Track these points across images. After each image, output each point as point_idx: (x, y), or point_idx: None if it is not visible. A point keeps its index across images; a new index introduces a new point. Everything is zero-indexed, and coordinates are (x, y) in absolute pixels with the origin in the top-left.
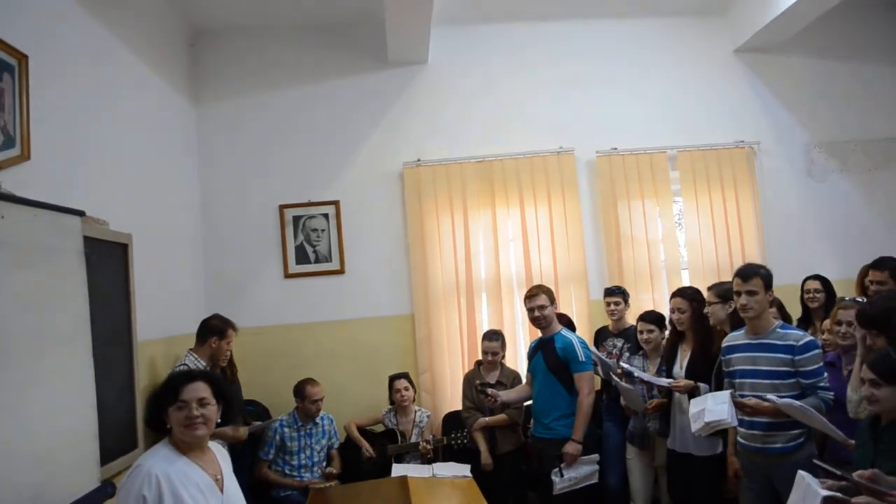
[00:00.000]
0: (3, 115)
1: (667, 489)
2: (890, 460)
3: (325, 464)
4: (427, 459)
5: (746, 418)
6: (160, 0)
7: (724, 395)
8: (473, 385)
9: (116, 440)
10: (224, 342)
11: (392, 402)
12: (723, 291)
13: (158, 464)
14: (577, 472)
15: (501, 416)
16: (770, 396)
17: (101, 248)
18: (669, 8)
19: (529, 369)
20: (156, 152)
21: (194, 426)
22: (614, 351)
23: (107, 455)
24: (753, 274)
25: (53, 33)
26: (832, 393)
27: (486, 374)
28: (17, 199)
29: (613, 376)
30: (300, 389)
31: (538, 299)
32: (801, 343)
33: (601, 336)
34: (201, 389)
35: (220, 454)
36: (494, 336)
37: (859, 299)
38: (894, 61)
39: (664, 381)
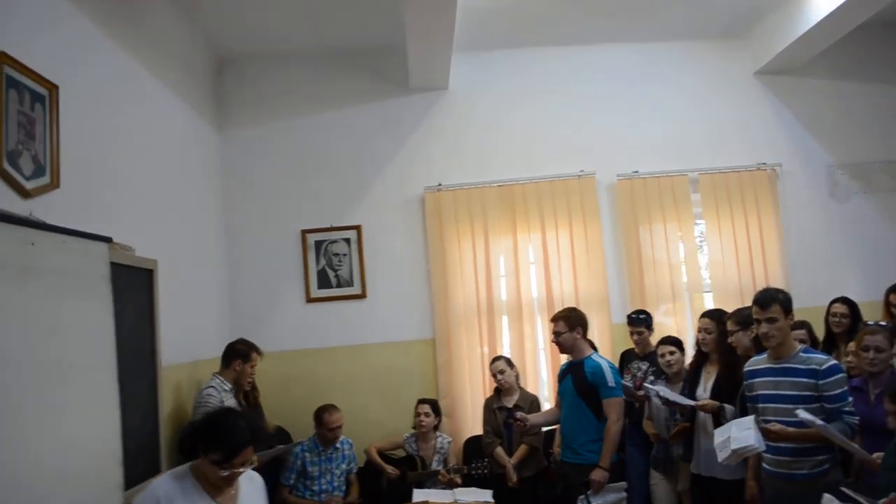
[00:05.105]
0: (34, 144)
1: None
2: None
3: (344, 489)
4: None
5: (772, 444)
6: (188, 29)
7: (748, 420)
8: (493, 410)
9: (140, 465)
10: (248, 366)
11: (414, 427)
12: (742, 318)
13: (166, 484)
14: (605, 500)
15: (522, 448)
16: (799, 411)
17: (128, 273)
18: (690, 32)
19: (559, 392)
20: (181, 178)
21: (230, 481)
22: (639, 374)
23: (130, 480)
24: (771, 300)
25: (83, 63)
26: (857, 417)
27: (504, 399)
28: (47, 226)
29: (647, 389)
30: (319, 416)
31: (555, 325)
32: (824, 367)
33: (626, 359)
34: (249, 453)
35: (252, 484)
36: (497, 358)
37: (884, 323)
38: None
39: (689, 402)
